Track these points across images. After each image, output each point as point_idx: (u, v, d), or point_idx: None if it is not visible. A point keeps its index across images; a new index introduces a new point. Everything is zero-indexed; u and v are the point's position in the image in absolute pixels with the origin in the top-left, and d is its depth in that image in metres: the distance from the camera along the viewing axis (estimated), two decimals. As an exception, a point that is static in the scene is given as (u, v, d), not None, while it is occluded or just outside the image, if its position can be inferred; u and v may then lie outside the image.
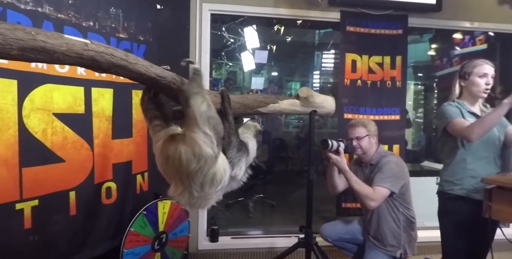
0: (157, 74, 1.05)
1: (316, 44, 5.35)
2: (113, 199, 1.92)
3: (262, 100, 1.51)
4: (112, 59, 0.92)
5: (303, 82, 6.28)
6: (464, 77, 1.80)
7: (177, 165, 0.97)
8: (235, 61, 5.12)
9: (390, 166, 1.89)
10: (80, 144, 1.70)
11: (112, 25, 1.88)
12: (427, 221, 3.06)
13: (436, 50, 4.90)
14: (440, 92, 5.38)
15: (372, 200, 1.82)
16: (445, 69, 4.84)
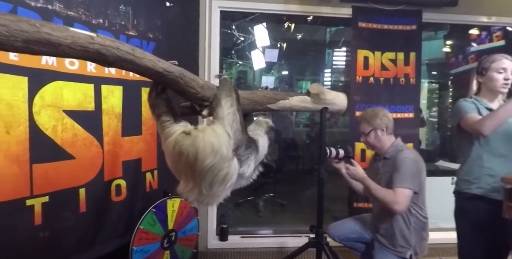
0: (165, 69, 1.04)
1: (327, 42, 5.28)
2: (123, 196, 1.92)
3: (272, 96, 1.48)
4: (118, 53, 0.91)
5: (313, 81, 6.21)
6: (482, 72, 1.73)
7: (191, 161, 0.97)
8: (245, 60, 5.10)
9: (408, 164, 1.76)
10: (90, 141, 1.71)
11: (121, 22, 1.88)
12: (442, 222, 2.99)
13: (451, 47, 4.77)
14: (455, 90, 5.25)
15: (396, 203, 1.69)
16: (461, 66, 4.71)
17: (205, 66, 2.44)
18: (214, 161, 0.96)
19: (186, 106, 1.26)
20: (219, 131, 0.99)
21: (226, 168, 0.99)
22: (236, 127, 1.03)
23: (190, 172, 0.99)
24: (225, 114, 1.01)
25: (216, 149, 0.96)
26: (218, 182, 1.00)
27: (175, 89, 1.14)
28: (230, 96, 1.06)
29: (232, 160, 1.01)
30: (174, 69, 1.07)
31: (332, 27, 4.45)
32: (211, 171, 0.97)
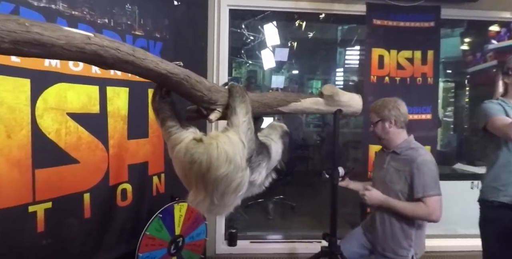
0: (168, 71, 0.96)
1: (339, 40, 5.16)
2: (129, 201, 1.87)
3: (283, 98, 1.39)
4: (118, 54, 0.84)
5: (324, 80, 6.10)
6: (508, 73, 1.62)
7: (204, 170, 0.93)
8: (255, 59, 5.03)
9: (429, 168, 1.65)
10: (94, 145, 1.66)
11: (127, 22, 1.83)
12: (460, 228, 2.86)
13: (468, 45, 4.60)
14: (472, 89, 5.07)
15: (431, 215, 1.60)
16: (478, 64, 4.54)
17: (214, 66, 2.38)
18: (228, 171, 0.93)
19: (192, 110, 1.19)
20: (234, 139, 0.96)
21: (239, 178, 0.96)
22: (251, 136, 1.00)
23: (201, 182, 0.95)
24: (240, 122, 0.99)
25: (231, 158, 0.93)
26: (230, 192, 0.96)
27: (180, 92, 1.06)
28: (244, 102, 1.04)
29: (246, 170, 0.98)
30: (178, 71, 0.99)
31: (344, 25, 4.33)
32: (224, 180, 0.93)
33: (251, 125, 1.01)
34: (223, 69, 2.42)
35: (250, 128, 1.00)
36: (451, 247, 2.72)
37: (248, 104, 1.07)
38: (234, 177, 0.94)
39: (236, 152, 0.95)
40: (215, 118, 1.11)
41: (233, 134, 0.98)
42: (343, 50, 5.19)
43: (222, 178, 0.93)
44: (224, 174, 0.93)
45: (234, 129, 0.99)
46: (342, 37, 5.06)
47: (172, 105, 1.10)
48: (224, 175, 0.93)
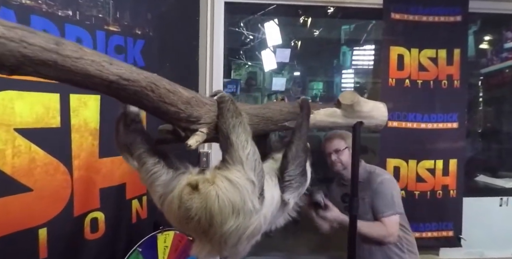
0: (121, 76, 0.64)
1: (344, 40, 4.85)
2: (101, 232, 1.53)
3: (291, 110, 1.07)
4: (25, 50, 0.51)
5: (327, 82, 5.79)
6: None
7: (204, 227, 0.77)
8: (255, 60, 4.72)
9: (387, 186, 1.65)
10: (53, 167, 1.33)
11: (99, 15, 1.50)
12: (488, 250, 2.52)
13: (484, 43, 4.29)
14: (485, 91, 4.77)
15: (390, 235, 1.60)
16: (492, 65, 4.25)
17: (207, 69, 2.05)
18: (237, 223, 0.77)
19: (165, 130, 0.86)
20: (239, 181, 0.76)
21: (254, 223, 0.80)
22: (260, 167, 0.80)
23: (204, 237, 0.80)
24: (243, 156, 0.77)
25: (239, 208, 0.76)
26: (243, 241, 0.81)
27: (144, 107, 0.74)
28: (241, 125, 0.79)
29: (261, 210, 0.81)
30: (138, 76, 0.67)
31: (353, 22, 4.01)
32: (233, 234, 0.78)
33: (256, 154, 0.79)
34: (217, 72, 2.09)
35: (257, 158, 0.79)
36: (479, 274, 2.39)
37: (246, 124, 0.81)
38: (248, 224, 0.79)
39: (245, 197, 0.76)
40: (196, 144, 0.78)
41: (237, 174, 0.77)
42: (349, 50, 4.88)
43: (230, 233, 0.78)
44: (232, 228, 0.77)
45: (237, 167, 0.77)
46: (348, 36, 4.75)
47: (146, 135, 0.83)
48: (232, 230, 0.77)
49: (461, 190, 2.24)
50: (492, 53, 4.27)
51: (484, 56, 4.37)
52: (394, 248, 1.70)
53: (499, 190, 2.70)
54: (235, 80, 5.31)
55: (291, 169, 0.93)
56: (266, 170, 0.94)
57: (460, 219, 2.25)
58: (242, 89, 5.37)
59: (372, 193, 1.64)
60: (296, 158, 0.94)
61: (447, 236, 2.23)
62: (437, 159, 2.16)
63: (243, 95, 5.60)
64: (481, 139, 4.22)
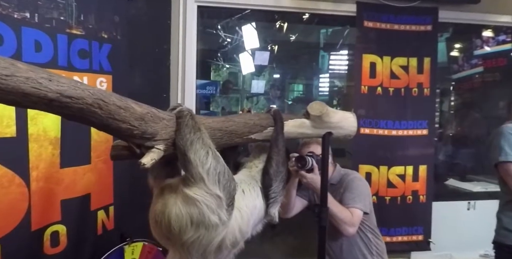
0: (62, 93, 0.59)
1: (322, 44, 4.91)
2: (62, 246, 1.47)
3: (257, 122, 1.05)
4: None
5: (307, 85, 5.83)
6: None
7: (165, 230, 0.79)
8: (234, 62, 4.69)
9: (356, 183, 1.68)
10: (8, 179, 1.25)
11: (60, 17, 1.43)
12: (456, 253, 2.59)
13: (455, 50, 4.45)
14: (457, 95, 4.95)
15: (351, 225, 1.58)
16: (463, 71, 4.41)
17: (179, 74, 1.99)
18: (198, 234, 0.77)
19: (120, 147, 0.82)
20: (199, 198, 0.76)
21: (222, 234, 0.80)
22: (227, 178, 0.80)
23: (169, 243, 0.83)
24: (203, 172, 0.76)
25: (198, 221, 0.76)
26: (212, 251, 0.81)
27: (92, 125, 0.69)
28: (197, 140, 0.77)
29: (229, 221, 0.81)
30: (82, 93, 0.63)
31: (329, 27, 4.06)
32: (196, 244, 0.78)
33: (220, 166, 0.79)
34: (190, 77, 2.04)
35: (221, 171, 0.78)
36: (448, 275, 2.46)
37: (206, 139, 0.79)
38: (212, 237, 0.79)
39: (206, 213, 0.76)
40: (152, 162, 0.75)
41: (197, 191, 0.76)
42: (327, 54, 4.93)
43: (192, 243, 0.78)
44: (193, 238, 0.77)
45: (198, 185, 0.76)
46: (326, 41, 4.80)
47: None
48: (193, 240, 0.77)
49: (431, 195, 2.29)
50: (463, 59, 4.43)
51: (455, 62, 4.53)
52: (364, 249, 1.72)
53: (467, 194, 2.79)
54: (214, 81, 5.25)
55: (275, 186, 0.97)
56: (244, 178, 0.98)
57: (430, 223, 2.31)
58: (221, 91, 5.34)
59: (343, 190, 1.68)
60: (277, 173, 0.98)
61: (417, 240, 2.28)
62: (407, 165, 2.20)
63: (223, 96, 5.56)
64: (452, 143, 4.37)
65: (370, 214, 1.72)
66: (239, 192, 0.90)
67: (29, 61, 1.31)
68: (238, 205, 0.87)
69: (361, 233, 1.71)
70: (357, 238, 1.70)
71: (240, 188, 0.91)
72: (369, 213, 1.70)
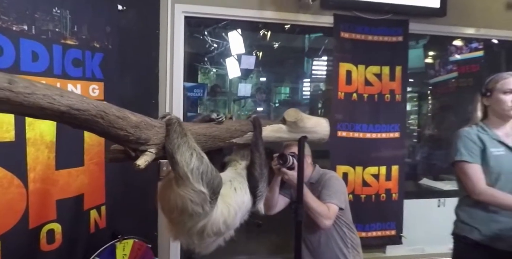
0: (71, 107, 0.71)
1: (307, 49, 5.07)
2: (57, 243, 1.56)
3: (238, 128, 1.18)
4: (-20, 90, 0.58)
5: (292, 89, 5.98)
6: (486, 94, 1.50)
7: (166, 208, 0.96)
8: (221, 66, 4.79)
9: (333, 181, 1.82)
10: (7, 181, 1.34)
11: (55, 29, 1.53)
12: (428, 247, 2.78)
13: (431, 57, 4.68)
14: (434, 99, 5.18)
15: (328, 218, 1.70)
16: (440, 76, 4.65)
17: (167, 80, 2.11)
18: (182, 218, 0.93)
19: (116, 150, 0.94)
20: (185, 195, 0.89)
21: (204, 221, 0.94)
22: (210, 176, 0.91)
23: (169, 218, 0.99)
24: (187, 172, 0.88)
25: (183, 210, 0.91)
26: (195, 234, 0.96)
27: (94, 132, 0.81)
28: (184, 144, 0.89)
29: (211, 212, 0.94)
30: (88, 106, 0.74)
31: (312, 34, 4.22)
32: (181, 225, 0.94)
33: (203, 167, 0.90)
34: (177, 82, 2.15)
35: (203, 170, 0.90)
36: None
37: (191, 143, 0.91)
38: (193, 223, 0.93)
39: (190, 206, 0.89)
40: (145, 163, 0.87)
41: (183, 189, 0.89)
42: (311, 59, 5.10)
43: (177, 222, 0.94)
44: (177, 220, 0.94)
45: (184, 183, 0.88)
46: (310, 46, 4.97)
47: None
48: (178, 221, 0.94)
49: (402, 193, 2.46)
50: (439, 65, 4.66)
51: (432, 68, 4.76)
52: (340, 242, 1.84)
53: (438, 192, 2.99)
54: (201, 84, 5.35)
55: (261, 186, 1.12)
56: (234, 176, 1.12)
57: (401, 219, 2.47)
58: (209, 93, 5.43)
59: (321, 188, 1.80)
60: (261, 175, 1.12)
61: (390, 235, 2.45)
62: (380, 166, 2.37)
63: (211, 99, 5.65)
64: (428, 144, 4.59)
65: (346, 210, 1.84)
66: (232, 190, 1.04)
67: (27, 70, 1.41)
68: (229, 201, 1.00)
69: (337, 228, 1.83)
70: (334, 232, 1.82)
71: (232, 186, 1.05)
72: (345, 209, 1.82)
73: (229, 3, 2.18)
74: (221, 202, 0.98)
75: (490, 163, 1.42)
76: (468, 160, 1.43)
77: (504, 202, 1.35)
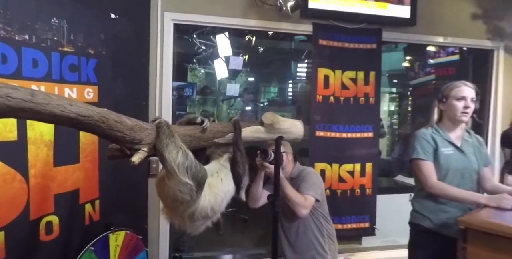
0: (79, 113, 0.87)
1: (292, 51, 5.24)
2: (55, 234, 1.69)
3: (220, 129, 1.35)
4: (9, 102, 0.73)
5: (279, 89, 6.15)
6: (442, 100, 1.70)
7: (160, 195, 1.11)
8: (209, 66, 4.92)
9: (311, 176, 1.99)
10: (11, 177, 1.48)
11: (54, 38, 1.66)
12: (399, 238, 3.00)
13: (410, 60, 4.91)
14: (414, 100, 5.42)
15: (304, 207, 1.86)
16: (419, 78, 4.88)
17: (156, 84, 2.25)
18: (174, 205, 1.06)
19: (114, 149, 1.10)
20: (173, 187, 1.02)
21: (193, 206, 1.07)
22: (193, 171, 1.04)
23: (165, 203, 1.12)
24: (174, 167, 1.01)
25: (174, 199, 1.04)
26: (187, 217, 1.10)
27: (96, 134, 0.97)
28: (171, 143, 1.03)
29: (198, 199, 1.07)
30: (92, 113, 0.90)
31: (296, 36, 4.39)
32: (175, 210, 1.09)
33: (188, 162, 1.03)
34: (166, 83, 2.30)
35: (188, 165, 1.02)
36: (394, 258, 2.84)
37: (178, 142, 1.06)
38: (184, 208, 1.07)
39: (179, 194, 1.03)
40: (139, 160, 1.03)
41: (172, 181, 1.02)
42: (297, 60, 5.27)
43: (171, 208, 1.10)
44: (170, 206, 1.09)
45: (172, 176, 1.01)
46: (296, 48, 5.14)
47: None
48: (171, 207, 1.09)
49: (375, 189, 2.66)
50: (418, 67, 4.89)
51: (412, 70, 5.00)
52: (316, 232, 2.00)
53: (410, 187, 3.21)
54: (191, 84, 5.47)
55: (244, 179, 1.29)
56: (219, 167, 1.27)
57: (375, 212, 2.68)
58: (198, 93, 5.55)
59: (300, 182, 1.97)
60: (244, 171, 1.28)
61: (364, 227, 2.65)
62: (355, 163, 2.56)
63: (200, 98, 5.77)
64: (405, 142, 4.83)
65: (322, 203, 2.00)
66: (219, 180, 1.20)
67: (28, 76, 1.55)
68: (216, 191, 1.16)
69: (314, 219, 2.00)
70: (311, 222, 1.98)
71: (219, 177, 1.21)
72: (321, 201, 1.97)
73: (215, 12, 2.34)
74: (209, 192, 1.13)
75: (440, 161, 1.62)
76: (423, 158, 1.62)
77: (452, 194, 1.55)
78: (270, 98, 6.24)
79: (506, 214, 1.37)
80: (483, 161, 1.71)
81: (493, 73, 2.95)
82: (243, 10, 2.38)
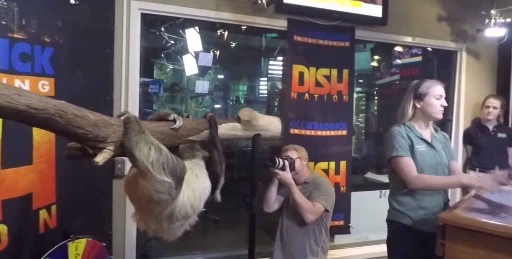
0: (29, 106, 0.73)
1: (263, 48, 5.20)
2: (3, 245, 1.50)
3: (194, 126, 1.24)
4: None
5: (250, 87, 6.09)
6: (420, 98, 1.71)
7: (128, 198, 1.03)
8: (179, 62, 4.74)
9: (326, 186, 2.06)
10: None
11: (1, 22, 1.46)
12: (371, 235, 3.05)
13: (377, 60, 5.06)
14: (380, 99, 5.60)
15: (312, 213, 1.93)
16: (385, 78, 5.04)
17: (122, 77, 2.09)
18: (150, 206, 0.97)
19: (74, 148, 0.96)
20: (149, 186, 0.93)
21: (171, 205, 0.99)
22: (171, 166, 0.95)
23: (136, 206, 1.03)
24: (148, 165, 0.91)
25: (148, 198, 0.95)
26: (164, 218, 1.00)
27: (53, 130, 0.83)
28: (141, 140, 0.93)
29: (177, 196, 0.99)
30: (46, 105, 0.77)
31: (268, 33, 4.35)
32: (150, 212, 0.99)
33: (163, 158, 0.93)
34: (133, 77, 2.13)
35: (163, 161, 0.93)
36: (366, 255, 2.88)
37: (149, 139, 0.95)
38: (161, 209, 0.98)
39: (155, 194, 0.94)
40: (103, 160, 0.90)
41: (147, 182, 0.93)
42: (267, 59, 5.24)
43: (146, 210, 1.00)
44: (145, 208, 0.99)
45: (147, 176, 0.92)
46: (267, 45, 5.10)
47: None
48: (146, 209, 0.99)
49: (350, 186, 2.68)
50: (384, 68, 5.05)
51: (378, 70, 5.15)
52: (312, 240, 2.04)
53: (380, 184, 3.28)
54: (157, 80, 5.23)
55: (221, 179, 1.22)
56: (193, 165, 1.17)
57: (349, 210, 2.69)
58: (165, 90, 5.33)
59: (313, 188, 2.03)
60: (221, 171, 1.21)
61: (339, 225, 2.65)
62: (330, 161, 2.55)
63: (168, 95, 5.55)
64: (373, 140, 4.98)
65: (330, 214, 2.06)
66: (194, 176, 1.10)
67: (-31, 64, 1.34)
68: (193, 186, 1.06)
69: (316, 227, 2.03)
70: (311, 229, 2.02)
71: (194, 173, 1.11)
72: (329, 212, 2.03)
73: (187, 3, 2.21)
74: (187, 187, 1.03)
75: (416, 158, 1.63)
76: (402, 154, 1.62)
77: (435, 183, 1.60)
78: (242, 95, 6.18)
79: (483, 209, 1.41)
80: (450, 155, 1.76)
81: (457, 74, 3.08)
82: (216, 2, 2.27)
